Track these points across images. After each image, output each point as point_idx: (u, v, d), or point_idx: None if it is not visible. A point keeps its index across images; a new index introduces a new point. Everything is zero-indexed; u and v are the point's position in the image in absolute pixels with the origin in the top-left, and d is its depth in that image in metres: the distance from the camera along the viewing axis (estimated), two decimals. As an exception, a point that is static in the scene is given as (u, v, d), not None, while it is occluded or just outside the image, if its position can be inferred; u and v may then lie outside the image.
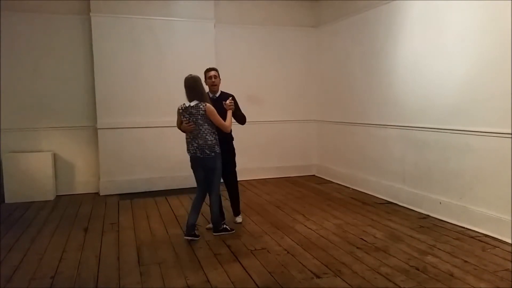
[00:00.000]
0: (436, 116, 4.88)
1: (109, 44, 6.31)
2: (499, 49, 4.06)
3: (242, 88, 6.76)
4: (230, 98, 4.40)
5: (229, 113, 4.33)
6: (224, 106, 4.33)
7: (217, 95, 4.56)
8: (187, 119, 4.17)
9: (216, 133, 4.23)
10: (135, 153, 6.51)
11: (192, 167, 4.33)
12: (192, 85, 4.12)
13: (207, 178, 4.32)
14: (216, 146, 4.21)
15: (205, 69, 4.58)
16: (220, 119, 4.18)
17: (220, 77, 4.61)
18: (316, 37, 7.61)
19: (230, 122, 4.29)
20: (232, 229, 4.52)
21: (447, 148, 4.74)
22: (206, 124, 4.14)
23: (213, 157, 4.20)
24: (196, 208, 4.33)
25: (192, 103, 4.12)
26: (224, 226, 4.49)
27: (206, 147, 4.17)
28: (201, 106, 4.09)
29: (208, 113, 4.09)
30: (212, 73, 4.50)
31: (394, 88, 5.61)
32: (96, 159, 6.49)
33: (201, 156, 4.19)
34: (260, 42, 7.34)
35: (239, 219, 4.87)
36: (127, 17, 6.38)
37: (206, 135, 4.16)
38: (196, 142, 4.18)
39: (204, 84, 4.27)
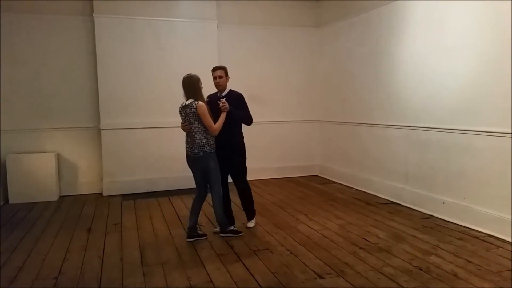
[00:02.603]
0: (439, 116, 4.87)
1: (112, 45, 6.33)
2: (501, 49, 4.05)
3: (245, 88, 6.68)
4: (224, 99, 4.30)
5: (223, 115, 4.23)
6: (219, 107, 4.24)
7: (224, 94, 4.49)
8: (183, 118, 4.24)
9: (207, 132, 4.17)
10: (138, 154, 6.52)
11: (188, 166, 4.35)
12: (186, 84, 4.16)
13: (205, 178, 4.30)
14: (206, 146, 4.16)
15: (211, 68, 4.50)
16: (210, 120, 4.12)
17: (229, 75, 4.51)
18: (318, 37, 7.60)
19: (220, 124, 4.20)
20: (240, 232, 4.45)
21: (450, 148, 4.73)
22: (196, 123, 4.14)
23: (202, 157, 4.17)
24: (193, 210, 4.34)
25: (187, 102, 4.16)
26: (231, 228, 4.46)
27: (195, 145, 4.16)
28: (193, 105, 4.10)
29: (199, 112, 4.08)
30: (217, 73, 4.41)
31: (396, 88, 5.60)
32: (99, 159, 6.51)
33: (191, 155, 4.21)
34: (262, 43, 7.34)
35: (250, 223, 4.73)
36: (130, 18, 6.40)
37: (196, 133, 4.15)
38: (189, 140, 4.23)
39: (201, 84, 4.24)
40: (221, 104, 4.23)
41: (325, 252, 3.91)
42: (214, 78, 4.43)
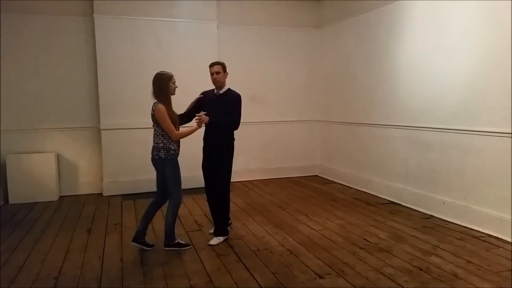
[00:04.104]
0: (439, 116, 4.87)
1: (112, 45, 6.33)
2: (502, 49, 4.05)
3: (245, 89, 6.70)
4: (202, 112, 3.99)
5: (195, 127, 3.97)
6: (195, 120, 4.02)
7: (221, 92, 4.25)
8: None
9: (165, 136, 3.89)
10: (138, 154, 6.49)
11: None
12: (153, 82, 3.88)
13: (162, 184, 4.06)
14: (162, 151, 3.88)
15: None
16: (170, 124, 3.81)
17: (227, 71, 4.25)
18: (319, 38, 7.60)
19: (185, 134, 3.93)
20: (187, 245, 4.09)
21: (450, 148, 4.73)
22: (155, 125, 3.92)
23: (157, 161, 3.94)
24: (145, 215, 4.09)
25: (154, 102, 3.92)
26: (177, 241, 4.06)
27: (153, 148, 3.97)
28: (153, 106, 3.87)
29: (156, 115, 3.81)
30: (214, 68, 4.16)
31: (397, 88, 5.60)
32: (99, 159, 6.51)
33: (151, 156, 4.01)
34: (262, 43, 7.34)
35: (214, 240, 4.20)
36: (130, 18, 6.40)
37: (155, 136, 3.95)
38: (152, 141, 4.03)
39: (174, 83, 3.94)
40: (196, 118, 3.98)
41: (325, 252, 3.90)
42: (212, 74, 4.19)
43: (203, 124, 4.05)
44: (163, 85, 3.88)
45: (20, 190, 6.00)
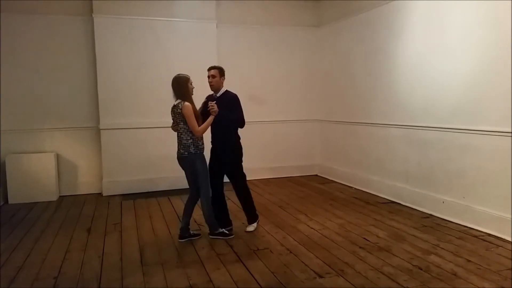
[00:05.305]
0: (439, 115, 4.87)
1: (111, 45, 6.33)
2: (502, 48, 4.05)
3: (245, 88, 6.76)
4: (214, 102, 4.22)
5: (210, 118, 4.17)
6: (208, 109, 4.20)
7: (218, 94, 4.42)
8: (172, 118, 4.23)
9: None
10: (138, 154, 6.52)
11: (180, 167, 4.31)
12: (174, 85, 4.14)
13: (193, 179, 4.25)
14: (192, 146, 4.10)
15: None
16: (194, 121, 4.05)
17: (224, 75, 4.44)
18: (318, 37, 7.60)
19: (205, 127, 4.15)
20: (230, 234, 4.35)
21: (450, 148, 4.73)
22: (182, 123, 4.11)
23: (187, 157, 4.13)
24: (186, 211, 4.34)
25: (176, 102, 4.15)
26: (221, 230, 4.35)
27: (181, 146, 4.15)
28: (179, 105, 4.08)
29: (184, 112, 4.03)
30: (210, 72, 4.38)
31: (396, 87, 5.60)
32: (99, 159, 6.51)
33: (178, 155, 4.20)
34: (262, 42, 7.34)
35: (249, 227, 4.57)
36: (130, 18, 6.40)
37: (182, 134, 4.14)
38: (178, 141, 4.21)
39: (191, 84, 4.19)
40: (209, 107, 4.17)
41: (325, 252, 3.91)
42: (208, 77, 4.39)
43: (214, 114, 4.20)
44: (182, 88, 4.12)
45: (19, 190, 6.00)
